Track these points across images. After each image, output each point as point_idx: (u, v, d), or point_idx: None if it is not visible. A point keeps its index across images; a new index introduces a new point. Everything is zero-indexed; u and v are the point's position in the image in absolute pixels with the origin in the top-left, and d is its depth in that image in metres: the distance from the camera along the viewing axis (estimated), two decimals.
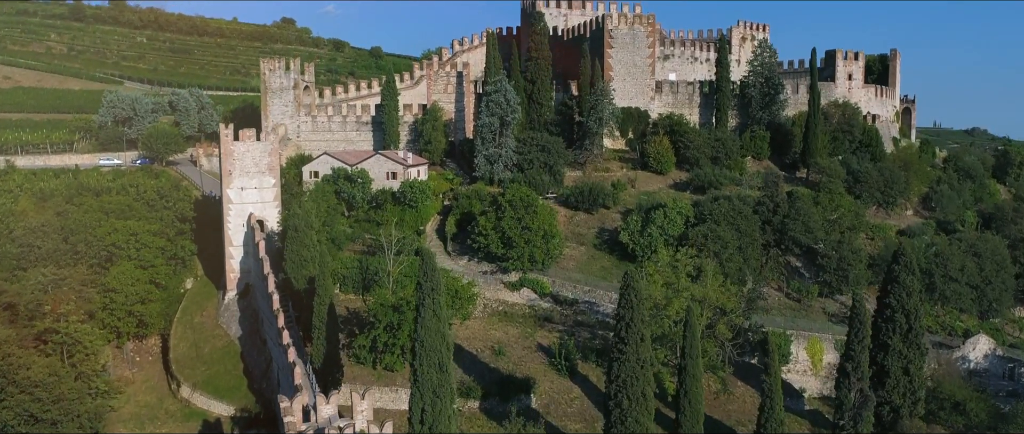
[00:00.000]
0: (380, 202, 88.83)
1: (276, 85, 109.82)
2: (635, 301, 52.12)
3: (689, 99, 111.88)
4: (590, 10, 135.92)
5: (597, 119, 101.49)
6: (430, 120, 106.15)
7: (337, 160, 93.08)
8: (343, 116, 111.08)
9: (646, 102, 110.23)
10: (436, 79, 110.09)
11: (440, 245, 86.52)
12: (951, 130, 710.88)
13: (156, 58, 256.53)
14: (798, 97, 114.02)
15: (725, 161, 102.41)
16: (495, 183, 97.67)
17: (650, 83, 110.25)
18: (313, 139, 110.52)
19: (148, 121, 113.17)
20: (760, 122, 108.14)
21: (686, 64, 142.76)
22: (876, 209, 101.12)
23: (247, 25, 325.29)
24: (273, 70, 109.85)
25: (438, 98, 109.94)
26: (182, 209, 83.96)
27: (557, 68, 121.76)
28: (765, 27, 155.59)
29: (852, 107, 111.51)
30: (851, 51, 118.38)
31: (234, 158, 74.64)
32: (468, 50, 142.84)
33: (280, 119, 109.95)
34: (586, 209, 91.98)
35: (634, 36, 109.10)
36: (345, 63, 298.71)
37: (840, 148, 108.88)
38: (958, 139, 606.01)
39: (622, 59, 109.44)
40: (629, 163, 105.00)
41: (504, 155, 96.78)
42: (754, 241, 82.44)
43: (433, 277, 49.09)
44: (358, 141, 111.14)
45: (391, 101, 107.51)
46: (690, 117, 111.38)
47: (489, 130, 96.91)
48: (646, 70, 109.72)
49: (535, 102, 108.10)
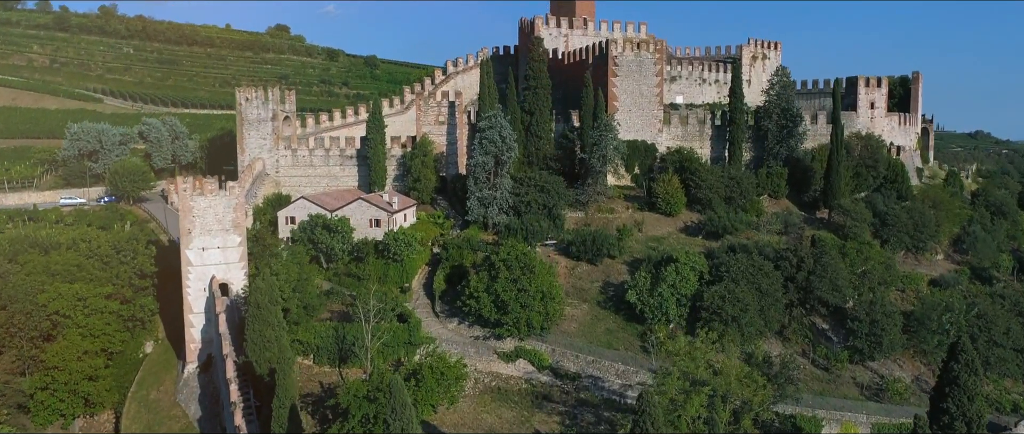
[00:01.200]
0: (362, 254, 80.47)
1: (253, 116, 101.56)
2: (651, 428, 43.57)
3: (699, 132, 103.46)
4: (592, 30, 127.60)
5: (600, 157, 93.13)
6: (419, 155, 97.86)
7: (315, 205, 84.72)
8: (326, 149, 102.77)
9: (653, 134, 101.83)
10: (425, 110, 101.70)
11: (427, 304, 78.17)
12: (954, 133, 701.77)
13: (142, 70, 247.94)
14: (817, 128, 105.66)
15: (739, 201, 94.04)
16: (490, 227, 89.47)
17: (658, 114, 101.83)
18: (293, 175, 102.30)
19: (115, 154, 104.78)
20: (777, 157, 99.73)
21: (694, 86, 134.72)
22: (905, 254, 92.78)
23: (239, 33, 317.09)
24: (250, 100, 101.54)
25: (428, 130, 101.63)
26: (142, 264, 75.61)
27: (557, 93, 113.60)
28: (777, 45, 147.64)
29: (876, 140, 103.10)
30: (874, 78, 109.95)
31: (194, 215, 66.33)
32: (462, 71, 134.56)
33: (257, 153, 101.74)
34: (589, 260, 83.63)
35: (640, 63, 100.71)
36: (339, 73, 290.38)
37: (863, 184, 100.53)
38: (961, 142, 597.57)
39: (627, 88, 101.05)
40: (635, 203, 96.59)
41: (499, 198, 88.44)
42: (776, 301, 74.12)
43: (403, 416, 40.71)
44: (342, 176, 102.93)
45: (377, 134, 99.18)
46: (701, 151, 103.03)
47: (483, 170, 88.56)
48: (653, 100, 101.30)
49: (533, 135, 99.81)
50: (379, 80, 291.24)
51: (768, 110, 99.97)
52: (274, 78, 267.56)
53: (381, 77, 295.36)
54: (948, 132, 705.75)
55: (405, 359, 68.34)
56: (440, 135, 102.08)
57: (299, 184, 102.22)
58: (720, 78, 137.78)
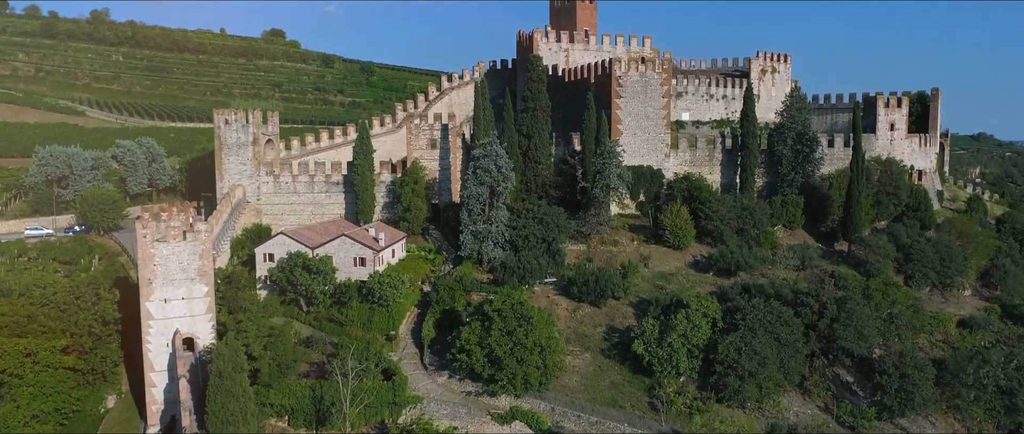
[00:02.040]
0: (345, 298, 74.02)
1: (232, 140, 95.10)
2: None
3: (709, 156, 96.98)
4: (594, 44, 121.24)
5: (603, 186, 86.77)
6: (409, 183, 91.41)
7: (295, 241, 78.26)
8: (310, 175, 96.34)
9: (660, 160, 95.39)
10: (417, 134, 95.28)
11: (415, 354, 71.71)
12: (957, 136, 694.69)
13: (131, 78, 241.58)
14: (834, 151, 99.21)
15: (752, 232, 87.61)
16: (484, 262, 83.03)
17: (664, 138, 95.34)
18: (276, 203, 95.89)
19: (87, 180, 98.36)
20: (792, 184, 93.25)
21: (700, 102, 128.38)
22: (930, 290, 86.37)
23: (233, 39, 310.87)
24: (229, 123, 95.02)
25: (419, 155, 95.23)
26: (105, 310, 69.20)
27: (557, 112, 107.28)
28: (786, 58, 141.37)
29: (897, 165, 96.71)
30: (893, 97, 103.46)
31: (155, 264, 59.96)
32: (457, 87, 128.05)
33: (237, 179, 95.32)
34: (591, 301, 77.19)
35: (646, 83, 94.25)
36: (334, 80, 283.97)
37: (884, 212, 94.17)
38: (964, 145, 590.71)
39: (632, 110, 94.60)
40: (641, 234, 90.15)
41: (495, 232, 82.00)
42: (797, 352, 67.68)
43: None
44: (328, 204, 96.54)
45: (364, 161, 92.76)
46: (710, 177, 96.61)
47: (477, 201, 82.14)
48: (660, 123, 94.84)
49: (531, 160, 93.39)
50: (375, 87, 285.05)
51: (782, 134, 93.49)
52: (267, 85, 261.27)
53: (377, 84, 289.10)
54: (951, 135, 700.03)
55: (390, 421, 61.98)
56: (432, 160, 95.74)
57: (282, 212, 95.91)
58: (728, 93, 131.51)
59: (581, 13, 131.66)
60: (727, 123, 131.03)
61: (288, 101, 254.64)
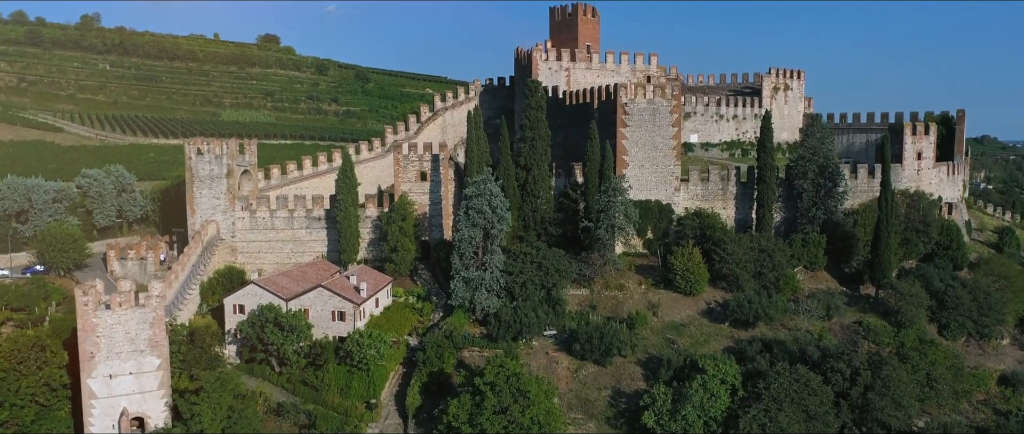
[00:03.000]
0: (321, 360, 66.47)
1: (205, 172, 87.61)
2: None
3: (722, 190, 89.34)
4: (597, 63, 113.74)
5: (608, 226, 79.21)
6: (396, 220, 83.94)
7: (267, 291, 70.66)
8: (290, 210, 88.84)
9: (669, 194, 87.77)
10: (405, 166, 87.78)
11: (399, 425, 64.15)
12: None
13: (118, 88, 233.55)
14: (857, 183, 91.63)
15: (770, 275, 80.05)
16: (477, 312, 75.47)
17: (674, 170, 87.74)
18: (252, 239, 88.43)
19: (48, 214, 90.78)
20: (813, 221, 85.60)
21: (710, 123, 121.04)
22: (966, 340, 78.83)
23: (226, 45, 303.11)
24: (201, 153, 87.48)
25: (408, 188, 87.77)
26: (50, 376, 61.66)
27: (558, 137, 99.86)
28: (800, 74, 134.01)
29: (926, 199, 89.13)
30: (920, 123, 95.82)
31: (98, 335, 52.44)
32: (452, 107, 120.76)
33: (210, 214, 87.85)
34: (596, 360, 69.64)
35: (654, 111, 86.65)
36: (328, 88, 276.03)
37: (912, 250, 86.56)
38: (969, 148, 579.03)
39: (639, 140, 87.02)
40: (649, 277, 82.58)
41: (488, 279, 74.42)
42: (827, 426, 60.16)
43: None
44: (309, 241, 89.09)
45: (347, 195, 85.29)
46: (724, 212, 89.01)
47: (469, 245, 74.58)
48: (669, 154, 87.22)
49: (530, 194, 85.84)
50: (370, 96, 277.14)
51: (802, 167, 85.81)
52: (259, 94, 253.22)
53: (372, 92, 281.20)
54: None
55: None
56: (422, 193, 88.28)
57: (259, 250, 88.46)
58: (739, 113, 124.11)
59: (583, 27, 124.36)
60: (738, 145, 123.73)
61: (280, 111, 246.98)
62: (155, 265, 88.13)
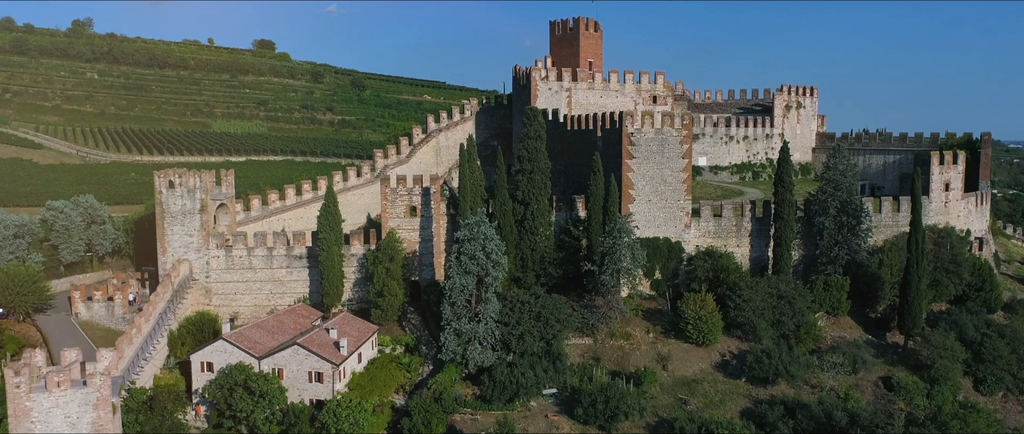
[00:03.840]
0: (294, 430, 59.87)
1: (176, 208, 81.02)
2: None
3: (736, 226, 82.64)
4: (599, 83, 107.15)
5: (613, 271, 72.58)
6: (383, 260, 77.36)
7: (238, 348, 64.14)
8: (269, 248, 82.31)
9: (678, 231, 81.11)
10: (392, 200, 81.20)
11: None
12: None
13: (106, 98, 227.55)
14: (881, 217, 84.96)
15: (790, 323, 73.49)
16: (470, 366, 68.94)
17: (684, 205, 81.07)
18: (228, 280, 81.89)
19: (8, 252, 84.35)
20: (835, 262, 78.90)
21: (719, 145, 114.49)
22: (1004, 395, 72.21)
23: (219, 52, 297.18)
24: (173, 187, 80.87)
25: (396, 225, 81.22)
26: None
27: (559, 163, 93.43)
28: (813, 91, 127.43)
29: (956, 235, 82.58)
30: (948, 152, 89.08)
31: (31, 421, 45.86)
32: (447, 128, 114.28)
33: (182, 253, 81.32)
34: (600, 425, 63.04)
35: (663, 142, 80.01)
36: (323, 96, 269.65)
37: (942, 292, 79.87)
38: None
39: (647, 173, 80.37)
40: (658, 324, 76.00)
41: (482, 331, 67.87)
42: None
43: None
44: (289, 281, 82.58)
45: (330, 233, 78.77)
46: (738, 249, 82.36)
47: (461, 294, 68.02)
48: (679, 188, 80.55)
49: (528, 231, 79.28)
50: (366, 104, 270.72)
51: (824, 203, 79.10)
52: (252, 103, 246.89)
53: (369, 100, 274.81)
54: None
55: None
56: (412, 229, 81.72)
57: (235, 291, 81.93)
58: (749, 134, 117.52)
59: (585, 43, 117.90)
60: (749, 167, 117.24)
61: (273, 121, 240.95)
62: (124, 306, 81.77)
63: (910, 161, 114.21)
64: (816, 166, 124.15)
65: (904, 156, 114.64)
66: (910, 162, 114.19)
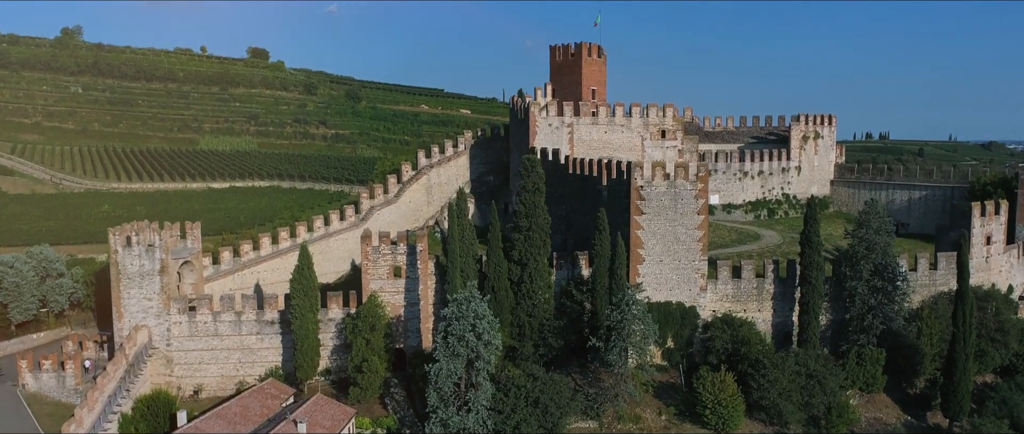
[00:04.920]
0: None
1: (134, 268, 72.78)
2: None
3: (757, 289, 74.30)
4: (604, 117, 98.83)
5: (621, 350, 64.32)
6: (363, 329, 69.17)
7: None
8: (237, 313, 74.01)
9: (693, 295, 72.82)
10: (374, 260, 72.88)
11: None
12: (966, 144, 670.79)
13: (90, 113, 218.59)
14: (917, 275, 76.63)
15: (820, 405, 65.31)
16: None
17: (700, 266, 72.75)
18: (191, 349, 73.67)
19: None
20: (869, 331, 70.57)
21: (732, 182, 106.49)
22: None
23: (210, 62, 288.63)
24: (130, 245, 72.62)
25: (378, 287, 72.90)
26: None
27: (559, 209, 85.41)
28: (831, 119, 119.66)
29: (1000, 297, 74.39)
30: (989, 202, 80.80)
31: None
32: (439, 163, 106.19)
33: (140, 318, 73.12)
34: None
35: (676, 196, 71.71)
36: (316, 109, 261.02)
37: (987, 363, 71.81)
38: (976, 155, 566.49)
39: (657, 230, 72.07)
40: (671, 403, 67.85)
41: (472, 423, 59.60)
42: None
43: None
44: (260, 349, 74.36)
45: (304, 299, 70.48)
46: (759, 315, 74.10)
47: (449, 378, 59.74)
48: (694, 247, 72.26)
49: (525, 296, 71.06)
50: (361, 117, 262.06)
51: (855, 265, 70.74)
52: (242, 117, 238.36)
53: (363, 113, 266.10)
54: (961, 142, 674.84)
55: None
56: (396, 292, 73.46)
57: (200, 361, 73.68)
58: (764, 168, 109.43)
59: (587, 70, 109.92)
60: (764, 204, 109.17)
61: (264, 136, 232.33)
62: (77, 376, 73.46)
63: (937, 198, 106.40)
64: (834, 199, 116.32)
65: (931, 192, 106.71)
66: (937, 199, 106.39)
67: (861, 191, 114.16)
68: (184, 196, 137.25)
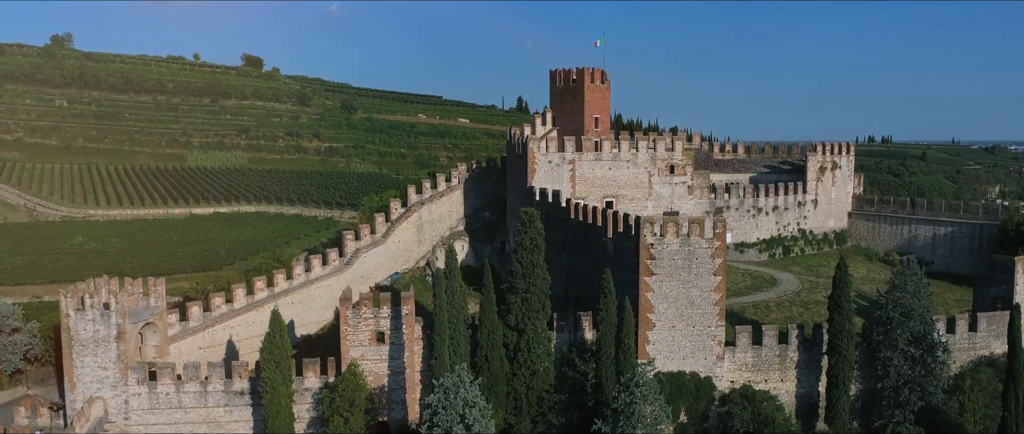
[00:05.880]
0: None
1: (87, 334, 65.57)
2: None
3: (779, 357, 66.95)
4: (608, 153, 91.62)
5: None
6: (341, 406, 61.99)
7: None
8: (202, 382, 66.75)
9: (709, 364, 65.57)
10: (354, 325, 65.65)
11: None
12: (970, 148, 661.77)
13: (74, 128, 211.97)
14: (955, 338, 69.32)
15: None
16: None
17: (717, 333, 65.48)
18: (152, 422, 66.47)
19: None
20: (906, 407, 63.23)
21: (745, 219, 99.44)
22: None
23: (202, 71, 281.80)
24: (82, 310, 65.38)
25: (359, 354, 65.68)
26: None
27: (560, 257, 78.38)
28: (849, 147, 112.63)
29: None
30: None
31: None
32: (430, 200, 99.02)
33: (95, 389, 65.92)
34: None
35: (690, 255, 64.45)
36: (310, 122, 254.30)
37: None
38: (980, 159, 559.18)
39: (670, 293, 64.80)
40: None
41: None
42: None
43: None
44: (229, 423, 67.19)
45: (275, 371, 63.25)
46: (781, 385, 66.84)
47: None
48: (710, 311, 64.98)
49: (522, 365, 63.89)
50: (356, 129, 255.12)
51: (890, 331, 63.45)
52: (233, 130, 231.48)
53: (358, 125, 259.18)
54: (965, 146, 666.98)
55: None
56: (379, 359, 66.24)
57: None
58: (779, 203, 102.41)
59: (590, 97, 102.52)
60: (779, 241, 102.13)
61: (255, 150, 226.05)
62: None
63: (965, 235, 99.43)
64: (852, 232, 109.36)
65: (958, 229, 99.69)
66: (965, 237, 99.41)
67: (882, 225, 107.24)
68: (164, 225, 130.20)
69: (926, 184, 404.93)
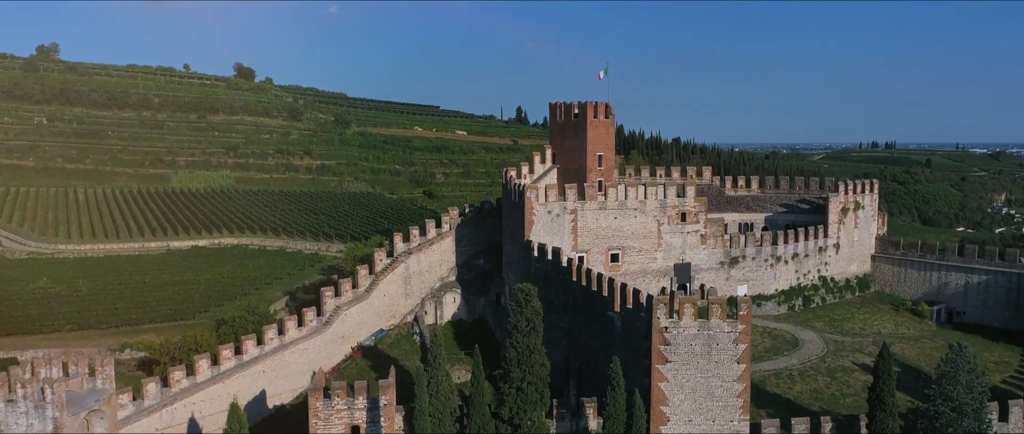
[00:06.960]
0: None
1: (19, 430, 57.23)
2: None
3: None
4: (612, 202, 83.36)
5: None
6: None
7: None
8: None
9: None
10: (325, 418, 57.42)
11: None
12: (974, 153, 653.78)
13: (54, 147, 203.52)
14: (1008, 428, 61.03)
15: None
16: None
17: (740, 427, 57.17)
18: None
19: None
20: None
21: (763, 270, 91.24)
22: None
23: (190, 85, 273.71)
24: (13, 402, 57.08)
25: None
26: None
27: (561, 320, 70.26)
28: (874, 185, 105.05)
29: None
30: None
31: None
32: (420, 249, 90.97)
33: None
34: None
35: (709, 340, 56.18)
36: (301, 138, 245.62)
37: None
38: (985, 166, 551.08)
39: (686, 382, 56.55)
40: None
41: None
42: None
43: None
44: None
45: None
46: None
47: None
48: (733, 404, 56.75)
49: None
50: (349, 145, 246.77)
51: (939, 429, 55.20)
52: (221, 148, 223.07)
53: (351, 141, 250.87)
54: (969, 151, 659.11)
55: None
56: None
57: None
58: (799, 250, 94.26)
59: (593, 133, 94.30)
60: (799, 292, 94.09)
61: (243, 169, 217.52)
62: None
63: (1000, 285, 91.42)
64: (876, 277, 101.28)
65: (992, 278, 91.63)
66: (1000, 287, 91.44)
67: (908, 270, 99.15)
68: (137, 263, 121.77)
69: (932, 192, 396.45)
